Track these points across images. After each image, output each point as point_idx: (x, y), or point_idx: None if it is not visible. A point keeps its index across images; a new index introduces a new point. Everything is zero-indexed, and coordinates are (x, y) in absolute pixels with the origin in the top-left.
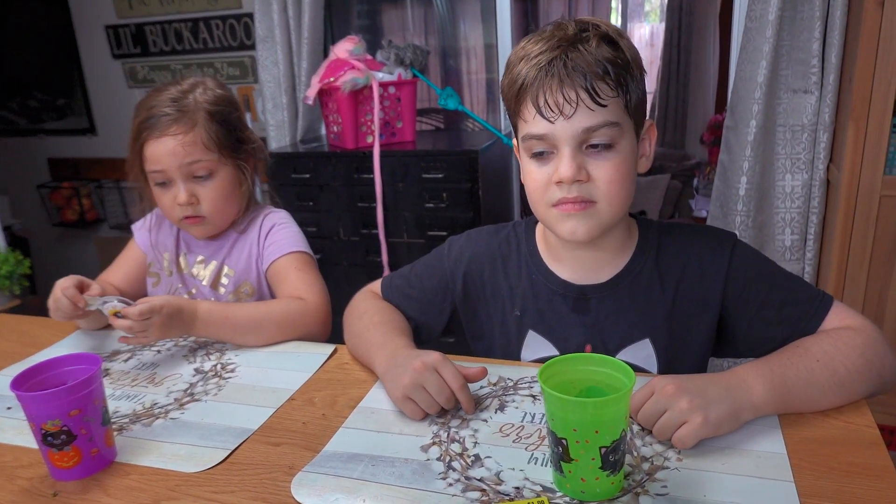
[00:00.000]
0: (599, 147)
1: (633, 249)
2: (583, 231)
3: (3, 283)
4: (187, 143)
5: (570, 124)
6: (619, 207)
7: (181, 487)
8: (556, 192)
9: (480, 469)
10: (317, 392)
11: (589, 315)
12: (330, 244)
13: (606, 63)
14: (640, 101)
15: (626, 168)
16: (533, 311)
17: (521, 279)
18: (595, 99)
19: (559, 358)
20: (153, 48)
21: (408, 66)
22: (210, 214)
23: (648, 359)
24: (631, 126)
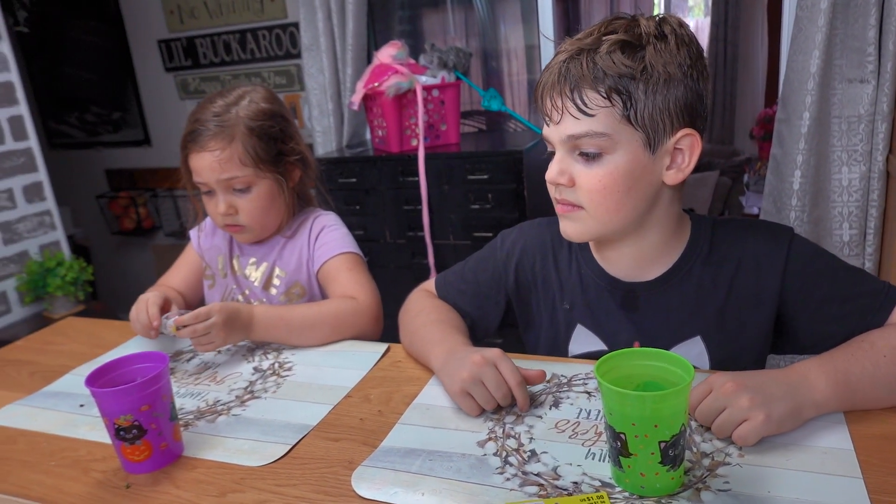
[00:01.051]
0: (587, 154)
1: (684, 246)
2: (571, 232)
3: (69, 290)
4: (224, 160)
5: (558, 129)
6: (606, 216)
7: (246, 480)
8: (552, 190)
9: (537, 464)
10: (372, 389)
11: (637, 312)
12: (376, 247)
13: (605, 72)
14: (661, 110)
15: (615, 179)
16: (582, 305)
17: (570, 273)
18: (580, 108)
19: (616, 353)
20: (203, 60)
21: (451, 68)
22: (248, 224)
23: (700, 356)
24: (636, 136)
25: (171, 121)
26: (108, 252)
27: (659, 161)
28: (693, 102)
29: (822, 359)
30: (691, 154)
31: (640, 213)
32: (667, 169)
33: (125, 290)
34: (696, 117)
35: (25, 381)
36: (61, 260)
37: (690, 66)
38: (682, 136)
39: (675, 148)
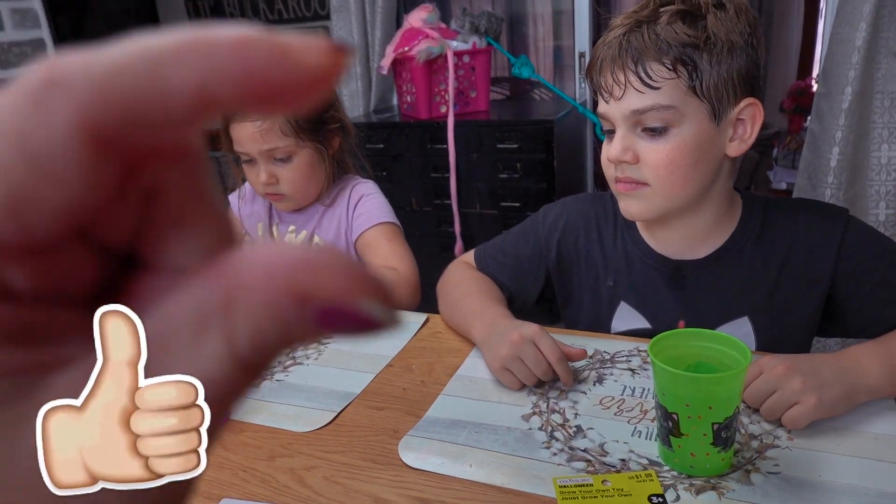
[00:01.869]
0: (654, 129)
1: (735, 225)
2: (635, 211)
3: None
4: (265, 131)
5: (620, 105)
6: (672, 192)
7: (293, 445)
8: (612, 169)
9: (584, 440)
10: (413, 359)
11: (684, 291)
12: (402, 214)
13: (668, 43)
14: (725, 80)
15: (682, 153)
16: (626, 282)
17: (615, 249)
18: (645, 81)
19: (669, 332)
20: (230, 20)
21: (482, 34)
22: (290, 193)
23: (746, 337)
24: (703, 108)
25: None
26: None
27: (723, 132)
28: (754, 71)
29: (876, 343)
30: (753, 124)
31: (705, 187)
32: (730, 140)
33: None
34: (756, 87)
35: None
36: None
37: (750, 33)
38: (745, 105)
39: (737, 118)
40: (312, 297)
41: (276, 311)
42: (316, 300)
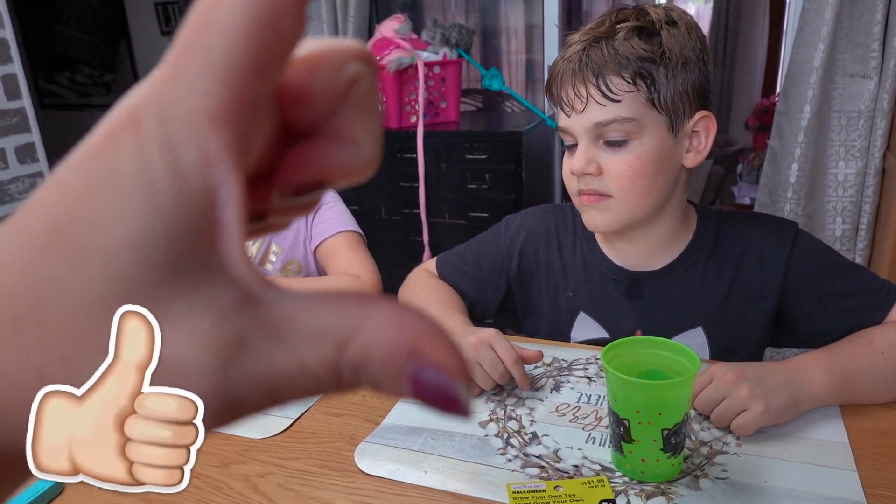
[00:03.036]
0: (614, 142)
1: (690, 238)
2: (599, 223)
3: None
4: None
5: (582, 119)
6: (636, 203)
7: (249, 452)
8: (575, 182)
9: (538, 447)
10: None
11: (641, 301)
12: (371, 223)
13: (627, 57)
14: (680, 93)
15: (644, 164)
16: (585, 293)
17: (574, 260)
18: (606, 94)
19: (622, 340)
20: None
21: (453, 45)
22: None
23: (700, 347)
24: (660, 120)
25: None
26: None
27: (680, 144)
28: (705, 85)
29: (821, 353)
30: (707, 136)
31: (666, 197)
32: (686, 152)
33: None
34: (708, 100)
35: None
36: None
37: (701, 49)
38: (699, 118)
39: (692, 131)
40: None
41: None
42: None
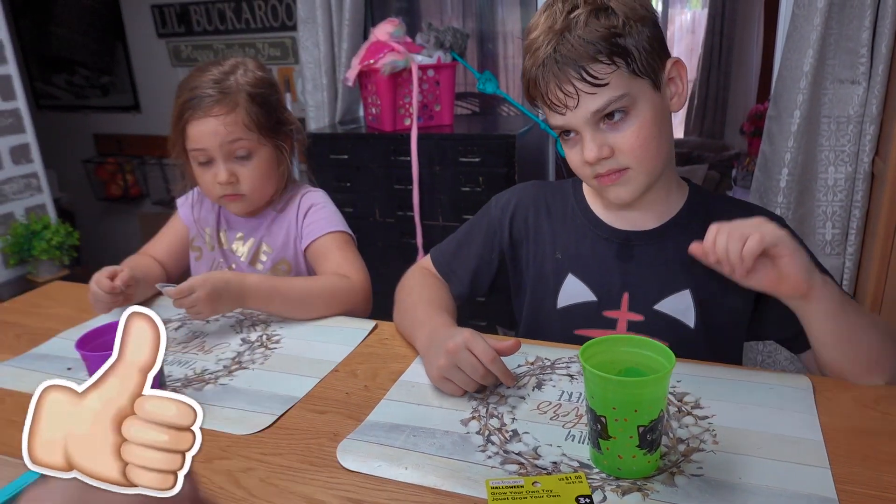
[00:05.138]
0: (614, 118)
1: (683, 202)
2: (626, 195)
3: (54, 254)
4: (229, 123)
5: (578, 112)
6: (652, 164)
7: (232, 448)
8: (590, 169)
9: (518, 444)
10: (359, 365)
11: (631, 262)
12: (365, 225)
13: (597, 42)
14: (649, 52)
15: (649, 128)
16: (574, 255)
17: (565, 223)
18: (593, 83)
19: (600, 339)
20: (197, 28)
21: (447, 49)
22: (249, 192)
23: (687, 311)
24: (645, 84)
25: (162, 87)
26: (93, 218)
27: (665, 96)
28: (660, 33)
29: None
30: (682, 78)
31: (671, 147)
32: (670, 99)
33: (110, 256)
34: (666, 45)
35: (12, 343)
36: (47, 223)
37: (642, 2)
38: (671, 65)
39: (668, 78)
40: None
41: None
42: None
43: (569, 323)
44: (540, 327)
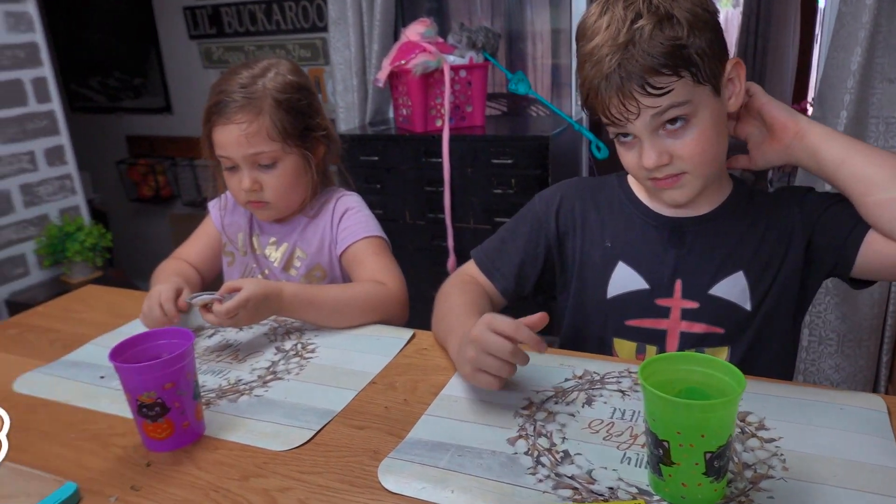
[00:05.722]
0: (676, 124)
1: (731, 189)
2: (682, 199)
3: (87, 255)
4: (251, 134)
5: (639, 121)
6: (710, 169)
7: (269, 465)
8: (646, 173)
9: (571, 466)
10: (397, 377)
11: (682, 248)
12: (395, 227)
13: (662, 56)
14: (711, 57)
15: (708, 134)
16: (624, 242)
17: (613, 211)
18: (656, 95)
19: (660, 356)
20: (228, 29)
21: (479, 49)
22: (273, 201)
23: (742, 293)
24: (706, 90)
25: (193, 89)
26: (125, 218)
27: (723, 99)
28: (721, 34)
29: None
30: (740, 78)
31: (727, 146)
32: (728, 100)
33: (142, 257)
34: (726, 45)
35: (45, 349)
36: (81, 225)
37: (700, 2)
38: (730, 67)
39: (727, 80)
40: None
41: None
42: None
43: (620, 313)
44: (588, 321)
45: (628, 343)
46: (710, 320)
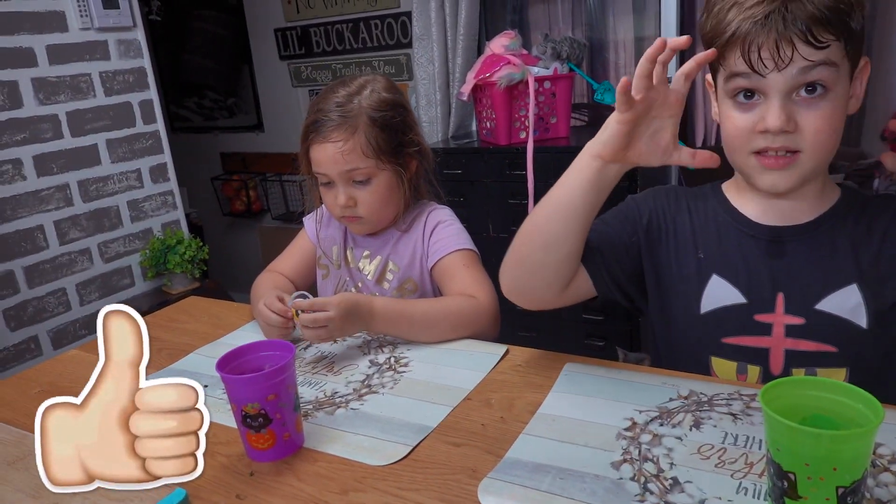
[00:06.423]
0: (814, 92)
1: (838, 197)
2: (784, 185)
3: (186, 267)
4: (347, 152)
5: (783, 74)
6: (823, 157)
7: (367, 480)
8: (759, 140)
9: (681, 495)
10: (493, 393)
11: (783, 259)
12: (479, 241)
13: (829, 11)
14: (859, 40)
15: (837, 116)
16: (718, 253)
17: (706, 220)
18: (815, 45)
19: (784, 380)
20: (316, 49)
21: (564, 60)
22: (367, 216)
23: (857, 308)
24: (847, 69)
25: (283, 107)
26: (219, 232)
27: (850, 91)
28: (864, 32)
29: None
30: (863, 80)
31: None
32: (850, 97)
33: (234, 268)
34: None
35: (154, 358)
36: (181, 238)
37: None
38: (863, 63)
39: (855, 76)
40: None
41: None
42: None
43: (715, 331)
44: (681, 338)
45: (727, 363)
46: (819, 338)
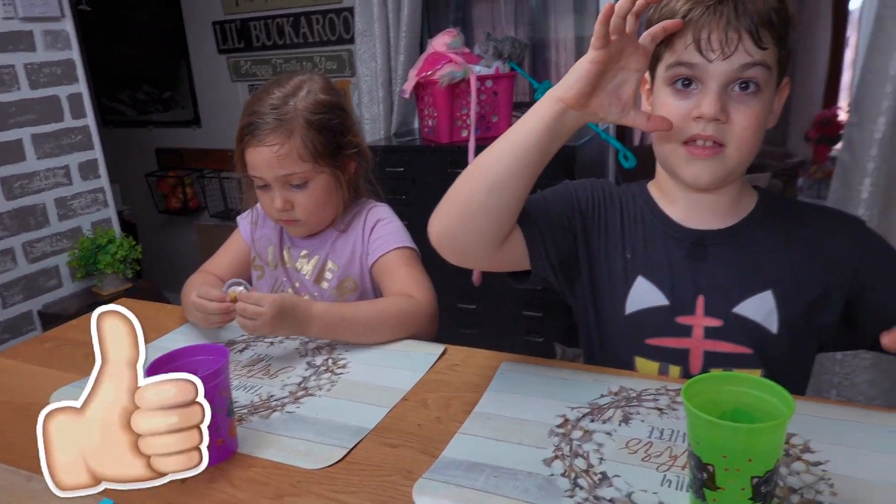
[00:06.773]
0: (747, 89)
1: (755, 202)
2: (707, 177)
3: (118, 267)
4: (282, 156)
5: (727, 63)
6: (747, 155)
7: (303, 484)
8: (691, 127)
9: (609, 489)
10: (429, 393)
11: (705, 262)
12: (422, 238)
13: (773, 12)
14: (788, 56)
15: (762, 117)
16: (644, 255)
17: (635, 220)
18: (757, 43)
19: (704, 376)
20: (256, 43)
21: (506, 59)
22: (305, 218)
23: (769, 314)
24: (775, 78)
25: (221, 102)
26: (154, 230)
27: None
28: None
29: None
30: (782, 98)
31: None
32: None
33: (171, 268)
34: None
35: (80, 363)
36: (112, 237)
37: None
38: (784, 82)
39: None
40: None
41: None
42: None
43: (639, 331)
44: (608, 337)
45: (650, 363)
46: (735, 340)
